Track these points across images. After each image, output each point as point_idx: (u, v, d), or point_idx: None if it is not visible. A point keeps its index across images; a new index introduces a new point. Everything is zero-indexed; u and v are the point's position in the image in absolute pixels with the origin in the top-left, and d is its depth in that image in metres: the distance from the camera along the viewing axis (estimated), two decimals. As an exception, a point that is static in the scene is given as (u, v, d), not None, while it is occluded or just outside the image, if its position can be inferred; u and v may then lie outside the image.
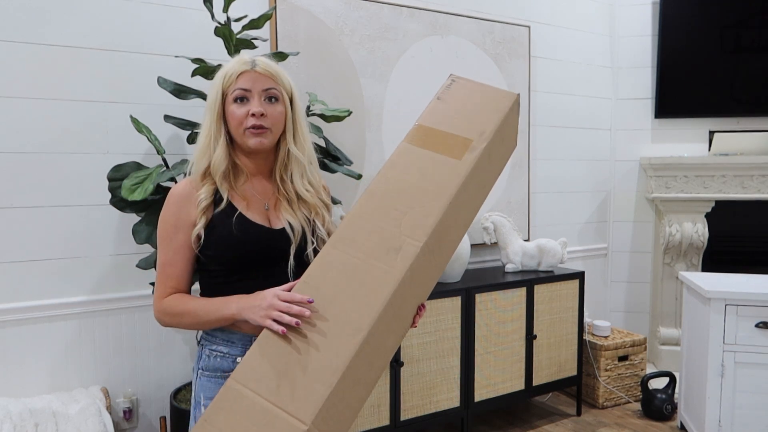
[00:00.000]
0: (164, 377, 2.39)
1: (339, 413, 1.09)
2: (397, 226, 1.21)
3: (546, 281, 2.90)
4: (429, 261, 1.22)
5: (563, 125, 3.56)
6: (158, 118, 2.19)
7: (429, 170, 1.28)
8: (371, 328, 1.10)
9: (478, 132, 1.30)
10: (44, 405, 1.94)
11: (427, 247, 1.18)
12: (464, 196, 1.26)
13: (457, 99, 1.39)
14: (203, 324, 1.28)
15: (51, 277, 2.16)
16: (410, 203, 1.24)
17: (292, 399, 1.06)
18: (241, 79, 1.30)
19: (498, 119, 1.32)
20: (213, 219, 1.30)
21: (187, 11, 2.35)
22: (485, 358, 2.72)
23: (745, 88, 3.50)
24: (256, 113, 1.29)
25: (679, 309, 3.57)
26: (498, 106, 1.35)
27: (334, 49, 2.69)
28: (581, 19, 3.59)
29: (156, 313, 1.32)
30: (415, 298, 1.24)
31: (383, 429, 2.45)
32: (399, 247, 1.18)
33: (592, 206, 3.75)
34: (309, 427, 1.02)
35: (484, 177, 1.34)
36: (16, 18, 2.05)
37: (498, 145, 1.35)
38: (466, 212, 1.32)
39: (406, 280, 1.15)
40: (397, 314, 1.18)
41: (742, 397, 2.47)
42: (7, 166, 2.07)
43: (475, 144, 1.29)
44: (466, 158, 1.27)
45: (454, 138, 1.31)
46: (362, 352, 1.10)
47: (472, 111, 1.36)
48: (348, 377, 1.08)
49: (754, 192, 3.45)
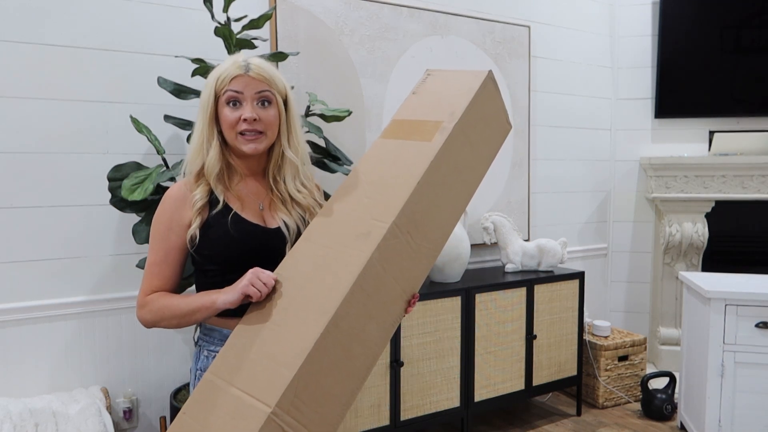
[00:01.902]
0: (164, 377, 2.39)
1: (315, 401, 1.09)
2: (367, 212, 1.21)
3: (546, 281, 2.90)
4: (404, 243, 1.20)
5: (563, 125, 3.56)
6: (158, 118, 2.19)
7: (400, 157, 1.28)
8: (337, 310, 1.09)
9: (448, 113, 1.30)
10: (44, 405, 1.94)
11: (396, 228, 1.17)
12: (437, 175, 1.24)
13: (431, 90, 1.40)
14: (183, 316, 1.26)
15: (51, 277, 2.16)
16: (380, 190, 1.24)
17: (260, 385, 1.07)
18: (234, 82, 1.29)
19: (468, 98, 1.30)
20: (209, 219, 1.30)
21: (187, 11, 2.34)
22: (485, 358, 2.72)
23: (745, 88, 3.50)
24: (248, 118, 1.28)
25: (679, 309, 3.57)
26: (470, 85, 1.33)
27: (334, 49, 2.69)
28: (581, 19, 3.59)
29: (138, 310, 1.30)
30: (396, 283, 1.21)
31: (383, 429, 2.45)
32: (368, 231, 1.18)
33: (592, 206, 3.75)
34: (273, 410, 1.02)
35: (463, 157, 1.31)
36: (16, 18, 2.05)
37: (476, 124, 1.33)
38: (448, 194, 1.30)
39: (375, 261, 1.14)
40: (372, 298, 1.16)
41: (742, 397, 2.47)
42: (7, 166, 2.07)
43: (446, 124, 1.27)
44: (436, 139, 1.26)
45: (425, 124, 1.31)
46: (330, 335, 1.09)
47: (444, 97, 1.35)
48: (316, 361, 1.08)
49: (754, 192, 3.45)
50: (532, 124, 3.41)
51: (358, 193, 1.26)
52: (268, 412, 1.02)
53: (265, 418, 1.02)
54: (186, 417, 1.11)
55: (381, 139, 1.36)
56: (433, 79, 1.42)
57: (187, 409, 1.12)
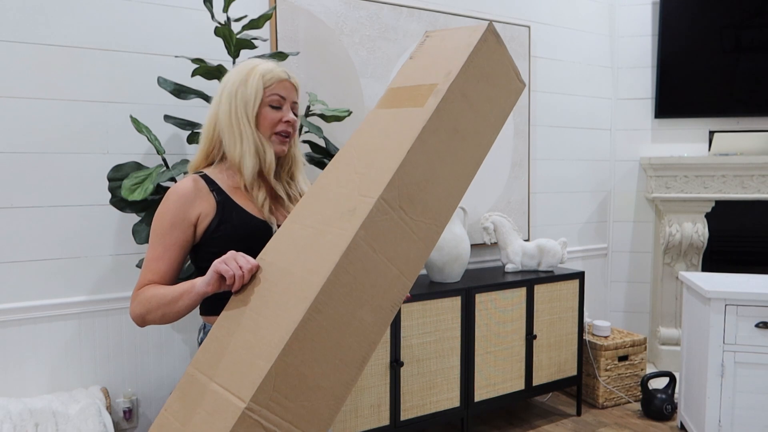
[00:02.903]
0: (164, 377, 2.39)
1: (300, 394, 1.01)
2: (355, 188, 1.11)
3: (546, 281, 2.90)
4: (396, 220, 1.09)
5: (563, 125, 3.56)
6: (158, 118, 2.19)
7: (391, 127, 1.17)
8: (318, 295, 1.00)
9: (443, 74, 1.17)
10: (44, 405, 1.94)
11: (384, 203, 1.06)
12: (433, 142, 1.13)
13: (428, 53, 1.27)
14: (167, 304, 1.22)
15: (51, 277, 2.16)
16: (370, 164, 1.13)
17: (237, 378, 1.00)
18: (280, 86, 1.35)
19: (465, 55, 1.17)
20: (219, 216, 1.31)
21: (187, 11, 2.35)
22: (485, 358, 2.72)
23: (745, 88, 3.50)
24: (291, 120, 1.36)
25: (679, 309, 3.57)
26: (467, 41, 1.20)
27: (334, 49, 2.69)
28: (581, 19, 3.59)
29: (130, 305, 1.29)
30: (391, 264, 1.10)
31: (383, 429, 2.45)
32: (354, 208, 1.07)
33: (592, 206, 3.75)
34: (248, 404, 0.95)
35: (464, 122, 1.18)
36: (15, 18, 2.05)
37: (476, 83, 1.20)
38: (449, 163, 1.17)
39: (360, 240, 1.04)
40: (360, 281, 1.05)
41: (742, 397, 2.47)
42: (7, 166, 2.07)
43: (440, 86, 1.15)
44: (429, 103, 1.13)
45: (419, 89, 1.19)
46: (312, 322, 1.00)
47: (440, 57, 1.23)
48: (297, 351, 0.99)
49: (754, 192, 3.45)
50: (532, 124, 3.41)
51: (347, 169, 1.16)
52: (242, 407, 0.95)
53: (240, 414, 0.95)
54: (167, 414, 1.06)
55: (374, 110, 1.25)
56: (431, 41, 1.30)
57: (168, 405, 1.07)
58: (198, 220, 1.31)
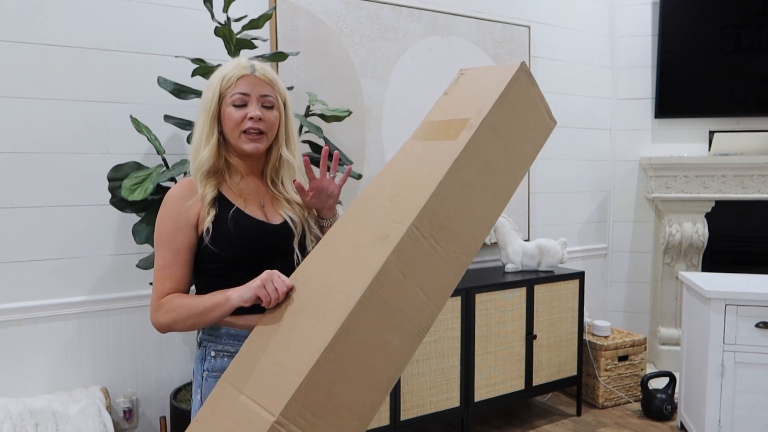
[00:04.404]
0: (164, 377, 2.39)
1: (327, 412, 1.03)
2: (388, 215, 1.15)
3: (546, 281, 2.90)
4: (427, 248, 1.12)
5: (563, 125, 3.56)
6: (158, 118, 2.19)
7: (425, 158, 1.21)
8: (349, 317, 1.03)
9: (476, 110, 1.22)
10: (44, 405, 1.94)
11: (416, 230, 1.10)
12: (464, 175, 1.17)
13: (462, 89, 1.33)
14: (198, 315, 1.24)
15: (51, 277, 2.16)
16: (403, 193, 1.17)
17: (268, 392, 1.03)
18: (240, 83, 1.31)
19: (497, 92, 1.22)
20: (216, 216, 1.31)
21: (187, 11, 2.34)
22: (485, 358, 2.72)
23: (745, 88, 3.50)
24: (254, 117, 1.30)
25: (679, 309, 3.57)
26: (500, 79, 1.25)
27: (334, 49, 2.69)
28: (581, 19, 3.59)
29: (153, 314, 1.29)
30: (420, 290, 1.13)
31: (383, 429, 2.45)
32: (386, 234, 1.11)
33: (592, 206, 3.75)
34: (277, 418, 0.98)
35: (495, 156, 1.22)
36: (16, 18, 2.05)
37: (508, 119, 1.24)
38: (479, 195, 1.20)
39: (392, 265, 1.07)
40: (391, 305, 1.09)
41: (742, 397, 2.47)
42: (7, 166, 2.07)
43: (473, 121, 1.20)
44: (461, 137, 1.18)
45: (453, 123, 1.24)
46: (341, 342, 1.03)
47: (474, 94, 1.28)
48: (327, 369, 1.02)
49: (754, 192, 3.45)
50: (532, 124, 3.41)
51: (380, 197, 1.20)
52: (272, 420, 0.98)
53: (269, 427, 0.98)
54: (198, 424, 1.09)
55: (409, 141, 1.31)
56: (465, 78, 1.36)
57: (200, 416, 1.10)
58: (198, 221, 1.31)
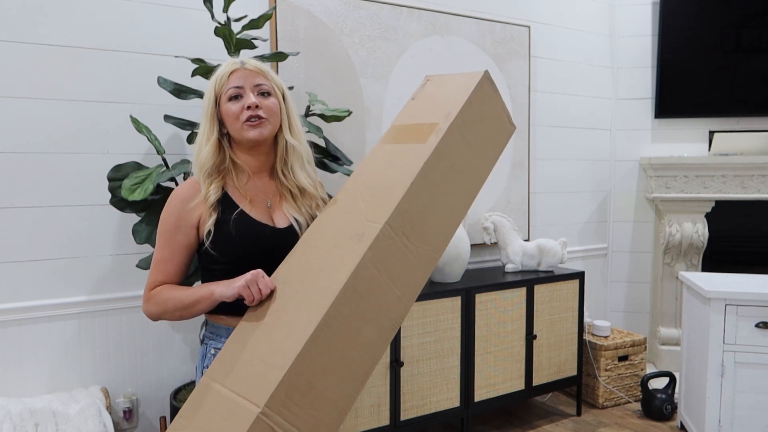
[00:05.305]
0: (164, 377, 2.39)
1: (309, 403, 1.08)
2: (362, 215, 1.22)
3: (546, 281, 2.90)
4: (400, 245, 1.20)
5: (563, 125, 3.56)
6: (158, 118, 2.19)
7: (396, 160, 1.29)
8: (328, 311, 1.09)
9: (443, 114, 1.30)
10: (44, 405, 1.94)
11: (390, 228, 1.17)
12: (433, 176, 1.25)
13: (429, 95, 1.41)
14: (185, 307, 1.29)
15: (51, 277, 2.16)
16: (376, 193, 1.25)
17: (252, 386, 1.08)
18: (232, 78, 1.33)
19: (464, 98, 1.30)
20: (218, 219, 1.32)
21: (187, 11, 2.34)
22: (485, 358, 2.72)
23: (745, 88, 3.50)
24: (251, 105, 1.31)
25: (679, 309, 3.57)
26: (465, 86, 1.34)
27: (334, 49, 2.69)
28: (581, 19, 3.58)
29: (144, 304, 1.34)
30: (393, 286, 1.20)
31: (383, 429, 2.45)
32: (362, 232, 1.18)
33: (592, 206, 3.75)
34: (262, 409, 1.03)
35: (461, 159, 1.31)
36: (16, 18, 2.05)
37: (473, 124, 1.33)
38: (447, 196, 1.29)
39: (368, 261, 1.14)
40: (367, 300, 1.15)
41: (742, 397, 2.47)
42: (7, 166, 2.07)
43: (441, 126, 1.28)
44: (431, 140, 1.26)
45: (421, 127, 1.32)
46: (322, 335, 1.09)
47: (441, 99, 1.36)
48: (308, 362, 1.07)
49: (754, 192, 3.45)
50: (532, 124, 3.41)
51: (354, 197, 1.28)
52: (257, 412, 1.03)
53: (254, 418, 1.02)
54: (182, 420, 1.13)
55: (379, 144, 1.38)
56: (431, 84, 1.45)
57: (183, 412, 1.14)
58: (200, 222, 1.32)
